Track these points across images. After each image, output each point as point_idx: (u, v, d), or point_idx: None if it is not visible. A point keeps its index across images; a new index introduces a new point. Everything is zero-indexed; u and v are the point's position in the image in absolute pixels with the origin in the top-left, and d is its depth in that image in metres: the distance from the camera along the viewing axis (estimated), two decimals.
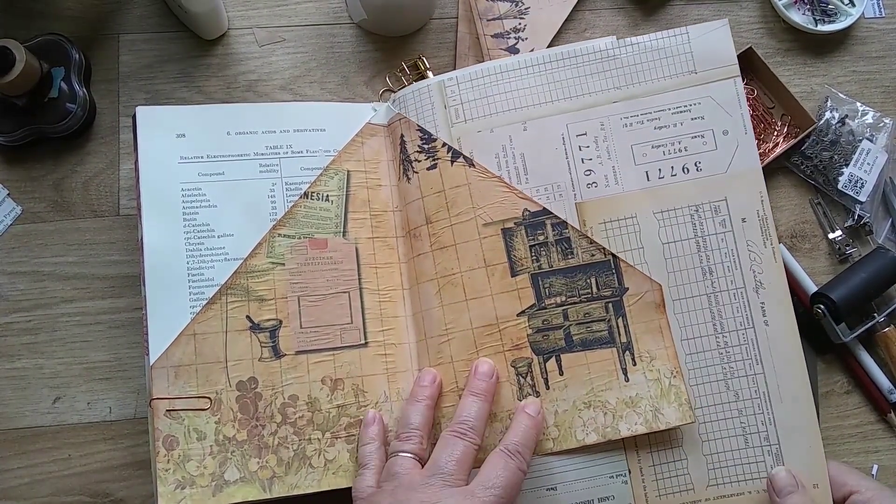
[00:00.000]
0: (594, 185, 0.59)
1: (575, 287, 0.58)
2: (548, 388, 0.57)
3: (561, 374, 0.57)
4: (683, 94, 0.59)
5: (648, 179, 0.59)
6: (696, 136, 0.59)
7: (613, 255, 0.58)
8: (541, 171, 0.59)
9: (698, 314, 0.58)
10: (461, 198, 0.59)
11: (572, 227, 0.58)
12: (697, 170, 0.59)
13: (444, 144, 0.60)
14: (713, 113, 0.59)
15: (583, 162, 0.59)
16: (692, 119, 0.59)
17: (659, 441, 0.57)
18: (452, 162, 0.60)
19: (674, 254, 0.58)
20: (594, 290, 0.58)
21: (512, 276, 0.58)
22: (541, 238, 0.58)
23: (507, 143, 0.60)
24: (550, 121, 0.60)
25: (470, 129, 0.60)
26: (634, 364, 0.57)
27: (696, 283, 0.58)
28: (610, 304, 0.58)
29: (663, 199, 0.59)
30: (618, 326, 0.57)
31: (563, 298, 0.58)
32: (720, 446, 0.57)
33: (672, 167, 0.59)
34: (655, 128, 0.59)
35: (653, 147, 0.59)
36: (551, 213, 0.58)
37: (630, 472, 0.57)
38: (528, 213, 0.59)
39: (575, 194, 0.59)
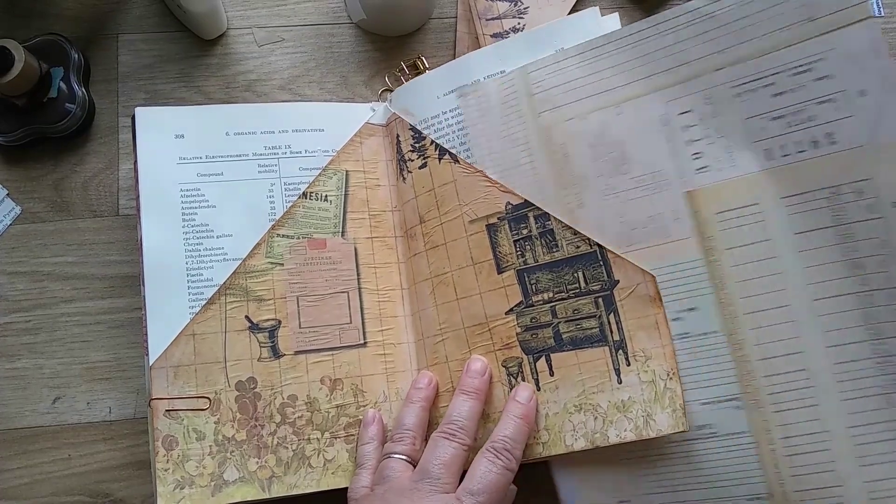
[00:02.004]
0: (705, 169, 0.51)
1: (562, 282, 0.55)
2: (539, 388, 0.55)
3: (552, 374, 0.55)
4: (801, 49, 0.48)
5: (770, 159, 0.50)
6: (823, 101, 0.48)
7: (600, 246, 0.53)
8: (641, 159, 0.53)
9: (846, 317, 0.48)
10: (449, 195, 0.58)
11: (555, 217, 0.55)
12: (831, 143, 0.48)
13: (432, 142, 0.59)
14: (843, 69, 0.48)
15: (689, 144, 0.52)
16: (816, 80, 0.48)
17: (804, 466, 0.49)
18: (440, 159, 0.59)
19: (808, 246, 0.49)
20: (582, 284, 0.54)
21: (498, 273, 0.56)
22: (524, 232, 0.56)
23: (601, 131, 0.54)
24: (647, 100, 0.53)
25: (559, 117, 0.55)
26: (628, 364, 0.53)
27: (841, 280, 0.48)
28: (600, 299, 0.54)
29: (790, 181, 0.49)
30: (609, 323, 0.53)
31: (551, 294, 0.55)
32: (881, 472, 0.47)
33: (798, 142, 0.49)
34: (772, 95, 0.49)
35: (772, 119, 0.49)
36: (533, 204, 0.55)
37: None
38: (510, 206, 0.56)
39: (683, 182, 0.52)
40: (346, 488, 0.54)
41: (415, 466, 0.52)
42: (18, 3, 0.67)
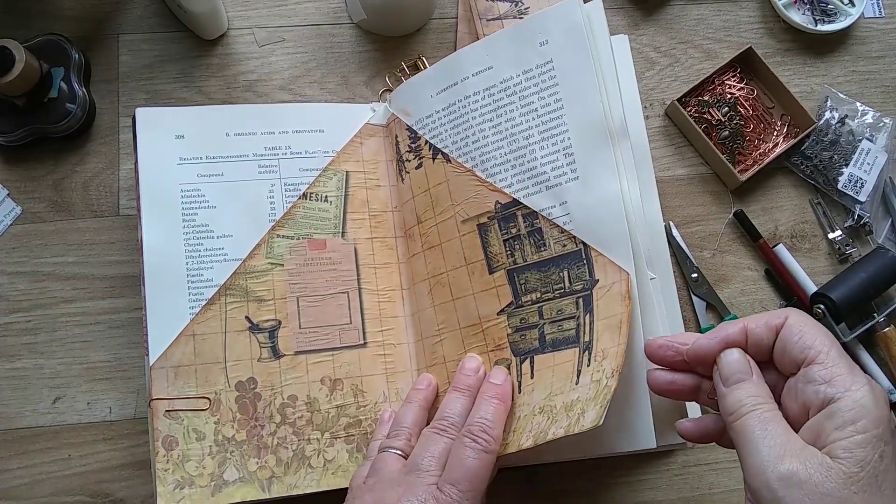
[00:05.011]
0: None
1: (549, 282, 0.55)
2: (520, 391, 0.54)
3: (532, 377, 0.54)
4: None
5: None
6: None
7: (584, 245, 0.53)
8: None
9: None
10: (442, 195, 0.58)
11: (542, 216, 0.55)
12: None
13: (426, 142, 0.59)
14: None
15: None
16: None
17: None
18: (434, 159, 0.59)
19: None
20: (567, 284, 0.54)
21: (489, 274, 0.56)
22: (513, 231, 0.56)
23: None
24: None
25: None
26: (588, 365, 0.51)
27: None
28: (581, 300, 0.53)
29: None
30: (584, 324, 0.53)
31: (539, 294, 0.55)
32: None
33: None
34: None
35: None
36: (521, 203, 0.56)
37: None
38: (499, 205, 0.56)
39: None
40: (345, 489, 0.54)
41: None
42: (19, 3, 0.67)
